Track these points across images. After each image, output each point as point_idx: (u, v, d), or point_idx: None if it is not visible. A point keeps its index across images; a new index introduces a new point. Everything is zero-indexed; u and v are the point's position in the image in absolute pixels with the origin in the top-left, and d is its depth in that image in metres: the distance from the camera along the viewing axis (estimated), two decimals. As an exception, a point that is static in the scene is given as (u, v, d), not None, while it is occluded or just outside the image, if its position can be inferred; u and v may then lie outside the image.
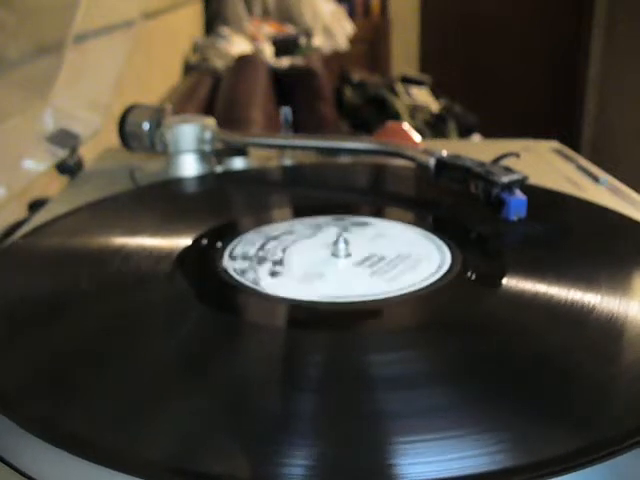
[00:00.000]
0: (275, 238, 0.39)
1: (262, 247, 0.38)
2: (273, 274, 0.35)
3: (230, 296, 0.34)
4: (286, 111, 0.60)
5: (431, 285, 0.33)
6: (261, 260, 0.36)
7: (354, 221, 0.42)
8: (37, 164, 0.56)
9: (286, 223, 0.42)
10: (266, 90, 1.64)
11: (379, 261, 0.36)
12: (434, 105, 2.26)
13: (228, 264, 0.36)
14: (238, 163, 0.55)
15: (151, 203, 0.47)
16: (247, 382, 0.27)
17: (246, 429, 0.24)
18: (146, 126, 0.54)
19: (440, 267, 0.35)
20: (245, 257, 0.37)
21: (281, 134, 0.59)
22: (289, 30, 2.33)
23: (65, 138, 0.60)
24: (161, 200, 0.48)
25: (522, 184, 0.41)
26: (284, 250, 0.38)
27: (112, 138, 0.59)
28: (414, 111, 2.16)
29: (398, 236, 0.40)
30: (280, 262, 0.36)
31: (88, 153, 0.66)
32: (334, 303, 0.32)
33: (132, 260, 0.36)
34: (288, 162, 0.56)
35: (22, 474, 0.24)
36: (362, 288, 0.33)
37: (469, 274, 0.35)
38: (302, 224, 0.41)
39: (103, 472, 0.22)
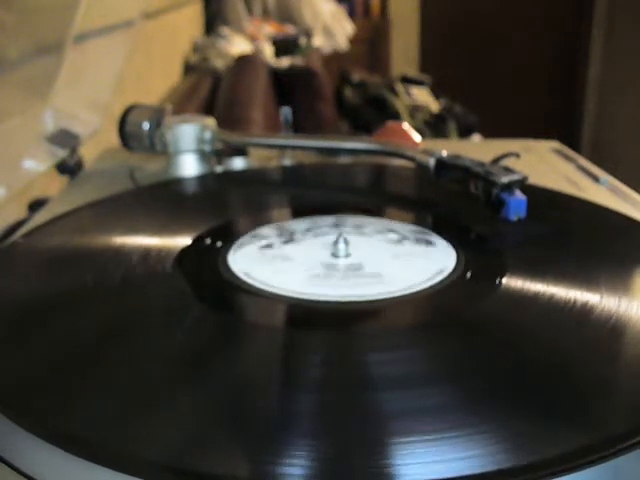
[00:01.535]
0: (276, 238, 0.39)
1: (262, 247, 0.38)
2: (274, 273, 0.35)
3: (230, 296, 0.34)
4: (286, 111, 0.60)
5: (431, 285, 0.33)
6: (261, 260, 0.36)
7: (353, 223, 0.42)
8: (37, 164, 0.56)
9: (287, 224, 0.42)
10: (266, 90, 1.64)
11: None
12: (434, 105, 2.26)
13: (228, 264, 0.36)
14: (238, 163, 0.55)
15: (151, 203, 0.47)
16: (247, 382, 0.27)
17: (246, 429, 0.24)
18: (146, 126, 0.54)
19: (440, 267, 0.35)
20: (245, 257, 0.37)
21: (281, 134, 0.59)
22: (289, 30, 2.32)
23: (65, 138, 0.60)
24: (161, 200, 0.48)
25: (522, 184, 0.41)
26: (285, 250, 0.38)
27: (112, 138, 0.59)
28: (414, 111, 2.15)
29: (398, 236, 0.40)
30: (281, 262, 0.36)
31: (88, 153, 0.66)
32: (335, 303, 0.32)
33: (132, 260, 0.36)
34: (288, 162, 0.57)
35: (22, 474, 0.24)
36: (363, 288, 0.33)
37: (469, 274, 0.35)
38: (300, 227, 0.41)
39: (103, 472, 0.22)
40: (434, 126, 2.11)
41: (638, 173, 1.90)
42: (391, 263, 0.36)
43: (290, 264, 0.36)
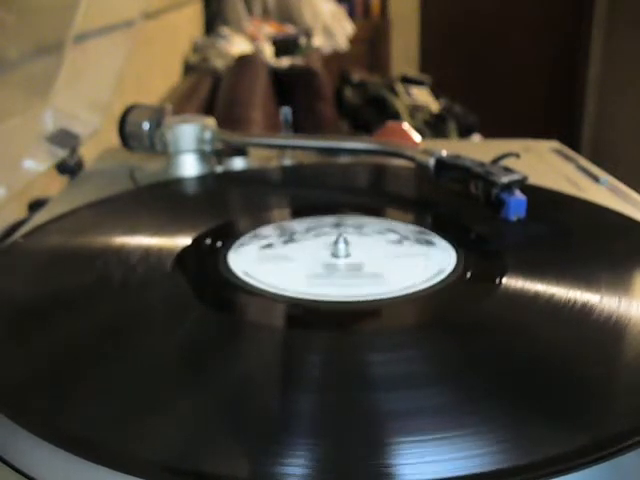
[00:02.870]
0: (276, 238, 0.39)
1: (262, 247, 0.38)
2: (274, 273, 0.35)
3: (230, 296, 0.34)
4: (286, 111, 0.60)
5: (431, 285, 0.33)
6: (261, 259, 0.36)
7: (353, 223, 0.42)
8: (37, 164, 0.56)
9: (287, 224, 0.42)
10: (266, 90, 1.64)
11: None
12: (434, 105, 2.26)
13: (228, 263, 0.36)
14: (238, 163, 0.55)
15: (151, 203, 0.47)
16: (247, 382, 0.27)
17: (246, 429, 0.24)
18: (146, 126, 0.54)
19: (440, 267, 0.35)
20: (246, 256, 0.37)
21: (281, 134, 0.59)
22: (289, 30, 2.32)
23: (65, 138, 0.60)
24: (161, 200, 0.48)
25: (522, 184, 0.41)
26: (285, 250, 0.38)
27: (112, 138, 0.59)
28: (414, 111, 2.15)
29: (398, 236, 0.40)
30: (281, 262, 0.36)
31: (88, 153, 0.66)
32: (335, 303, 0.32)
33: (132, 260, 0.36)
34: (288, 162, 0.56)
35: (22, 474, 0.24)
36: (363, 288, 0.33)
37: (469, 274, 0.35)
38: (301, 226, 0.41)
39: (103, 472, 0.22)
40: (434, 126, 2.11)
41: (638, 173, 1.90)
42: (391, 263, 0.36)
43: (290, 264, 0.36)
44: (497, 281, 0.33)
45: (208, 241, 0.39)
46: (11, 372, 0.27)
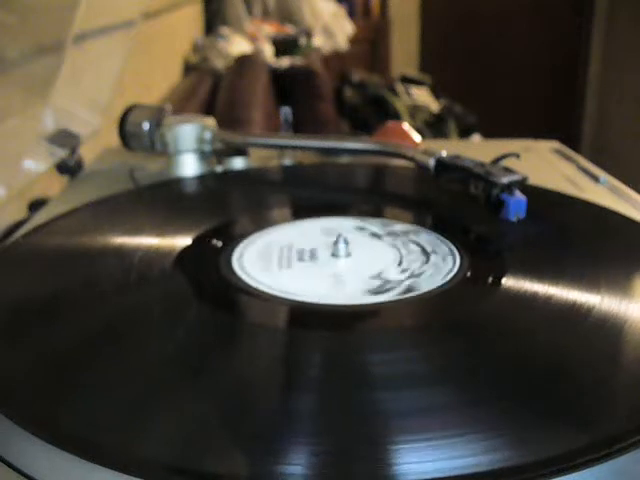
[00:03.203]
0: (277, 238, 0.39)
1: (263, 247, 0.38)
2: (275, 273, 0.35)
3: (230, 295, 0.34)
4: (286, 111, 0.60)
5: (436, 287, 0.33)
6: (261, 260, 0.36)
7: (355, 225, 0.42)
8: (37, 164, 0.56)
9: (288, 224, 0.42)
10: (266, 90, 1.64)
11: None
12: (434, 105, 2.26)
13: (228, 264, 0.36)
14: (238, 163, 0.55)
15: (151, 203, 0.47)
16: (247, 382, 0.27)
17: (246, 429, 0.24)
18: (146, 126, 0.54)
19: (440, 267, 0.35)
20: (247, 256, 0.37)
21: (281, 134, 0.59)
22: (289, 30, 2.33)
23: (65, 138, 0.60)
24: (161, 200, 0.48)
25: (522, 184, 0.41)
26: (285, 250, 0.38)
27: (112, 138, 0.59)
28: (414, 111, 2.16)
29: (398, 237, 0.40)
30: (283, 261, 0.36)
31: (88, 153, 0.66)
32: (336, 304, 0.32)
33: (132, 260, 0.36)
34: (288, 162, 0.56)
35: (22, 474, 0.24)
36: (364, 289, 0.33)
37: (469, 274, 0.35)
38: (302, 226, 0.41)
39: (103, 472, 0.22)
40: (434, 126, 2.11)
41: (638, 173, 1.90)
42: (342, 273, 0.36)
43: (291, 264, 0.36)
44: (497, 281, 0.33)
45: (208, 241, 0.39)
46: (11, 372, 0.27)
